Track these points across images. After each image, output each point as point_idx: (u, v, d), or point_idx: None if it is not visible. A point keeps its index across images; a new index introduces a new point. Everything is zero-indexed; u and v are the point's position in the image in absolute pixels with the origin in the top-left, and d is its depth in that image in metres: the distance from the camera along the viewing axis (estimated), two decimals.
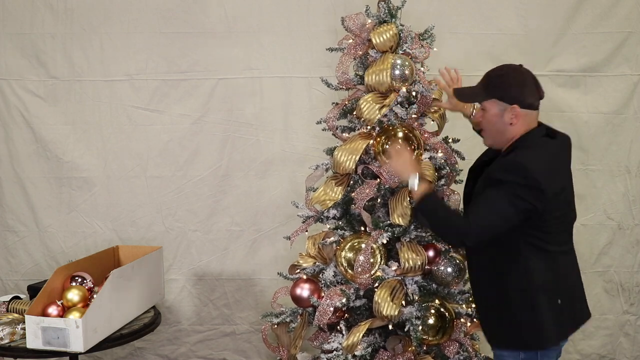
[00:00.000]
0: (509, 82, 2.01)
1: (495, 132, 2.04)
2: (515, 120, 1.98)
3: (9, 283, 3.42)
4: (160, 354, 3.47)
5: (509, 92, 1.99)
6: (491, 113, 2.02)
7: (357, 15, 2.54)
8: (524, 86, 2.00)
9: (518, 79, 2.01)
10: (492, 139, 2.08)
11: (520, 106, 1.97)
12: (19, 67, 3.32)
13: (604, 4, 3.30)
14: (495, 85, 2.02)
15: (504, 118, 1.99)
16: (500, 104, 2.00)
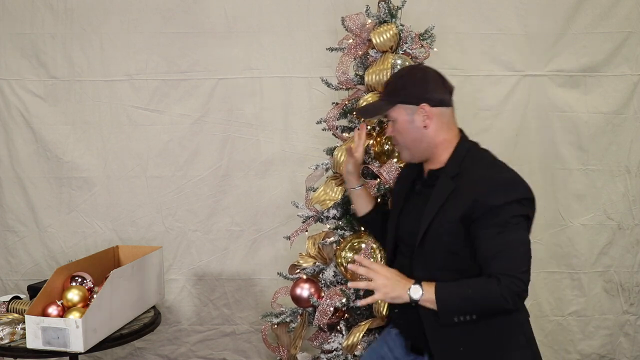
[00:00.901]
0: (409, 82, 1.79)
1: (411, 141, 1.80)
2: (429, 121, 1.76)
3: (9, 283, 3.42)
4: (160, 354, 3.47)
5: (412, 91, 1.76)
6: (400, 121, 1.78)
7: (357, 15, 2.54)
8: (427, 82, 1.77)
9: (418, 76, 1.80)
10: (410, 150, 1.82)
11: (430, 104, 1.75)
12: (19, 67, 3.32)
13: (604, 4, 3.30)
14: (396, 90, 1.80)
15: (415, 122, 1.76)
16: (407, 107, 1.77)
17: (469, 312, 1.63)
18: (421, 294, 1.62)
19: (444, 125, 1.79)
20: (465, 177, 1.72)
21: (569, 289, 3.47)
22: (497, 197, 1.65)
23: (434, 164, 1.82)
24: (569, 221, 3.42)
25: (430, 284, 1.64)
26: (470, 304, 1.62)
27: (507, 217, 1.65)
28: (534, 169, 3.38)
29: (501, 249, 1.64)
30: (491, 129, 3.36)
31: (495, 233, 1.64)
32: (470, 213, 1.66)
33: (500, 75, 3.33)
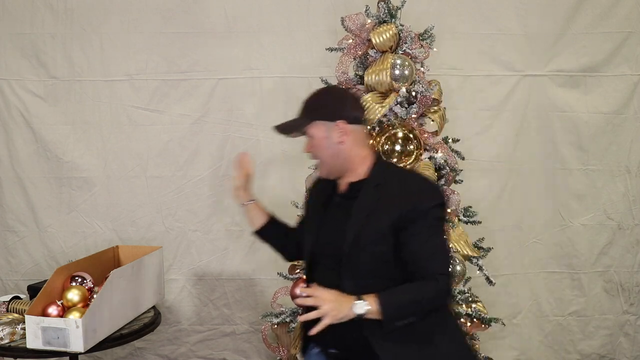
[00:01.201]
0: (327, 100, 1.85)
1: (328, 157, 1.83)
2: (345, 137, 1.80)
3: (9, 283, 3.42)
4: (160, 354, 3.47)
5: (328, 109, 1.82)
6: (318, 137, 1.82)
7: (357, 15, 2.55)
8: (344, 100, 1.85)
9: (335, 94, 1.89)
10: (327, 166, 1.86)
11: (346, 121, 1.80)
12: (19, 67, 3.32)
13: (604, 4, 3.30)
14: (314, 107, 1.84)
15: (332, 139, 1.80)
16: (324, 124, 1.81)
17: (411, 315, 1.70)
18: (365, 309, 1.65)
19: (359, 141, 1.84)
20: (389, 186, 1.79)
21: (569, 289, 3.47)
22: (424, 202, 1.74)
23: (353, 177, 1.86)
24: (569, 221, 3.42)
25: (369, 296, 1.67)
26: (412, 307, 1.70)
27: (433, 221, 1.75)
28: (534, 169, 3.39)
29: (434, 252, 1.74)
30: (491, 129, 3.36)
31: (426, 237, 1.73)
32: (399, 221, 1.72)
33: (500, 75, 3.33)
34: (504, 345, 3.43)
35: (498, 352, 3.38)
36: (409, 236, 1.72)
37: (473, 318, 2.52)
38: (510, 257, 3.42)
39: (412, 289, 1.70)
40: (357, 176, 1.85)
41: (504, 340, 3.44)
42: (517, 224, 3.43)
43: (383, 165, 1.87)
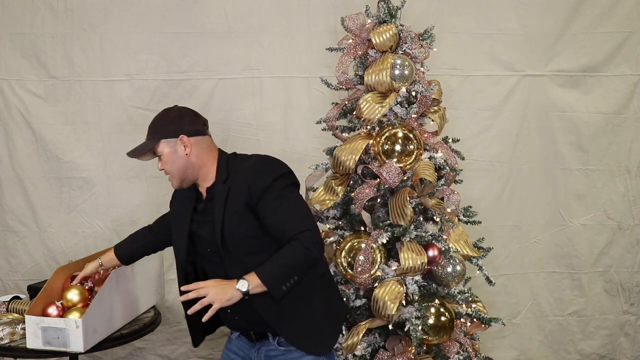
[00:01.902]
0: (165, 120, 2.06)
1: (177, 169, 2.03)
2: (189, 149, 2.00)
3: (9, 283, 3.42)
4: (160, 354, 3.47)
5: (170, 127, 2.03)
6: (165, 153, 2.03)
7: (357, 15, 2.54)
8: (181, 117, 2.06)
9: (172, 115, 2.08)
10: (179, 176, 2.05)
11: (187, 135, 2.01)
12: (19, 67, 3.32)
13: (604, 4, 3.30)
14: (157, 128, 2.06)
15: (178, 152, 2.01)
16: (168, 141, 2.02)
17: (291, 277, 1.84)
18: (247, 284, 1.80)
19: (204, 150, 2.03)
20: (234, 176, 1.98)
21: (569, 289, 3.47)
22: (265, 179, 1.92)
23: (208, 182, 2.04)
24: (569, 221, 3.42)
25: (249, 273, 1.82)
26: (289, 270, 1.84)
27: (279, 191, 1.91)
28: (534, 169, 3.39)
29: (287, 216, 1.88)
30: (491, 129, 3.36)
31: (276, 207, 1.89)
32: (249, 199, 1.90)
33: (500, 75, 3.33)
34: (504, 345, 3.43)
35: (498, 352, 3.38)
36: (262, 212, 1.89)
37: (473, 318, 2.52)
38: (510, 257, 3.42)
39: (283, 255, 1.85)
40: (211, 180, 2.03)
41: (504, 340, 3.44)
42: (517, 224, 3.43)
43: (225, 161, 2.03)
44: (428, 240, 2.41)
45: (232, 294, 1.79)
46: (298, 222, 1.88)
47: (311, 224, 1.90)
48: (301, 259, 1.85)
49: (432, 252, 2.40)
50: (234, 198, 1.93)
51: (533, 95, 3.34)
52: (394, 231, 2.34)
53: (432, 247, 2.41)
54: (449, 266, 2.44)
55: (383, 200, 2.48)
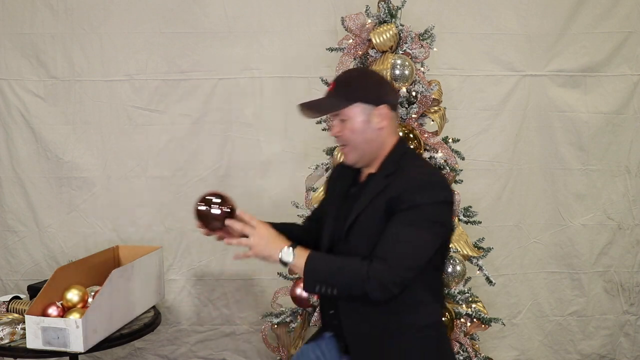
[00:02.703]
0: (370, 82, 1.76)
1: (363, 142, 1.74)
2: (385, 122, 1.73)
3: (9, 283, 3.42)
4: (160, 354, 3.47)
5: (371, 92, 1.73)
6: (357, 120, 1.72)
7: (357, 15, 2.55)
8: (385, 85, 1.78)
9: (374, 77, 1.78)
10: (360, 151, 1.76)
11: (390, 107, 1.74)
12: (19, 67, 3.32)
13: (604, 4, 3.30)
14: (352, 88, 1.74)
15: (372, 123, 1.72)
16: (365, 107, 1.72)
17: (331, 284, 1.60)
18: (292, 257, 1.62)
19: (393, 129, 1.78)
20: (397, 176, 1.72)
21: (569, 289, 3.47)
22: (423, 196, 1.64)
23: (372, 169, 1.81)
24: (569, 221, 3.42)
25: (306, 250, 1.64)
26: (334, 275, 1.61)
27: (423, 218, 1.63)
28: (534, 169, 3.39)
29: (394, 239, 1.62)
30: (491, 129, 3.36)
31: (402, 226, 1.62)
32: (393, 205, 1.65)
33: (500, 75, 3.33)
34: (504, 345, 3.43)
35: (498, 352, 3.38)
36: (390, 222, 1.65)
37: (473, 318, 2.52)
38: (510, 257, 3.42)
39: (345, 260, 1.63)
40: (375, 167, 1.78)
41: (504, 340, 3.44)
42: (517, 224, 3.43)
43: (400, 153, 1.77)
44: None
45: (271, 255, 1.62)
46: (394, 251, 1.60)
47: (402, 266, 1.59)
48: (353, 277, 1.59)
49: None
50: (384, 195, 1.68)
51: (533, 95, 3.34)
52: None
53: None
54: (449, 266, 2.44)
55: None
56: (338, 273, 1.60)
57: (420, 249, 1.63)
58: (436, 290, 1.81)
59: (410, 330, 1.72)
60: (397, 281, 1.58)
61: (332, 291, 1.61)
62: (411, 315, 1.72)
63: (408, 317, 1.71)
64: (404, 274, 1.60)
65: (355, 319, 1.73)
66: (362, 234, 1.71)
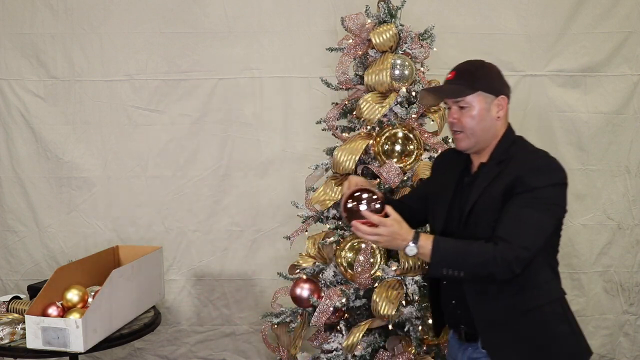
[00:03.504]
0: (490, 73, 1.86)
1: (481, 130, 1.83)
2: (502, 113, 1.83)
3: (9, 283, 3.42)
4: (160, 354, 3.47)
5: (495, 83, 1.83)
6: (478, 108, 1.81)
7: (357, 15, 2.54)
8: (502, 77, 1.87)
9: (494, 70, 1.87)
10: (475, 138, 1.84)
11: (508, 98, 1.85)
12: (19, 67, 3.32)
13: (604, 4, 3.30)
14: (476, 78, 1.83)
15: (491, 112, 1.82)
16: (487, 96, 1.81)
17: (458, 267, 1.69)
18: (415, 252, 1.71)
19: (506, 119, 1.87)
20: (510, 161, 1.80)
21: (569, 289, 3.44)
22: (540, 179, 1.74)
23: (483, 157, 1.88)
24: (569, 221, 3.42)
25: (429, 236, 1.72)
26: (461, 258, 1.69)
27: (541, 199, 1.73)
28: None
29: (515, 219, 1.70)
30: None
31: (521, 207, 1.71)
32: (511, 188, 1.73)
33: None
34: None
35: None
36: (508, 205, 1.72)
37: None
38: None
39: (471, 246, 1.70)
40: (486, 156, 1.86)
41: None
42: None
43: (510, 141, 1.85)
44: None
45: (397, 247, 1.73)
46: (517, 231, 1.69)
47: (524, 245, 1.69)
48: (481, 259, 1.68)
49: None
50: (498, 182, 1.76)
51: (533, 95, 3.34)
52: None
53: None
54: None
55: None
56: (465, 256, 1.69)
57: (540, 230, 1.74)
58: (555, 267, 1.94)
59: (539, 307, 1.82)
60: (519, 261, 1.68)
61: (458, 274, 1.70)
62: (537, 294, 1.83)
63: (535, 295, 1.82)
64: (526, 253, 1.69)
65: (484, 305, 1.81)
66: (479, 223, 1.78)
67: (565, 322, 1.87)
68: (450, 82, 1.88)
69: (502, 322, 1.81)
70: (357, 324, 2.39)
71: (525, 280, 1.79)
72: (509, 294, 1.80)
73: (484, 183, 1.81)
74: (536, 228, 1.73)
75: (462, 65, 1.90)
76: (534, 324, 1.81)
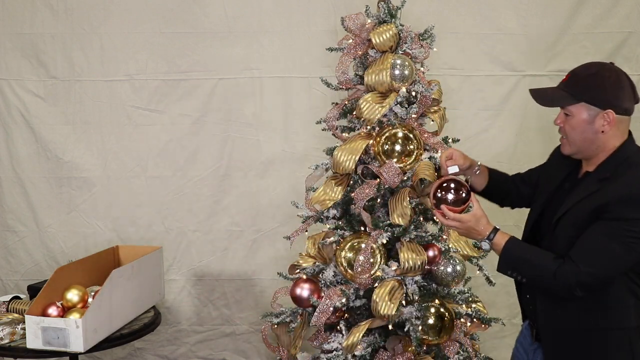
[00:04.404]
0: (602, 83, 1.75)
1: (581, 140, 1.78)
2: (608, 127, 1.73)
3: (9, 283, 3.42)
4: (160, 354, 3.47)
5: (603, 95, 1.73)
6: (579, 119, 1.76)
7: (357, 15, 2.54)
8: (621, 88, 1.74)
9: (613, 79, 1.75)
10: (576, 147, 1.80)
11: (616, 112, 1.72)
12: (19, 67, 3.32)
13: (604, 4, 3.30)
14: (586, 87, 1.77)
15: (594, 125, 1.74)
16: (591, 108, 1.74)
17: (521, 272, 1.77)
18: (488, 248, 1.85)
19: (619, 132, 1.77)
20: (614, 180, 1.72)
21: None
22: (630, 210, 1.65)
23: (590, 167, 1.82)
24: None
25: (505, 235, 1.83)
26: (526, 265, 1.76)
27: (624, 231, 1.65)
28: None
29: (593, 244, 1.67)
30: (491, 129, 3.36)
31: (599, 234, 1.67)
32: (601, 208, 1.68)
33: (500, 75, 3.33)
34: (504, 345, 3.43)
35: (498, 352, 3.38)
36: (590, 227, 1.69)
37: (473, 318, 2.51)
38: None
39: (539, 252, 1.77)
40: (594, 165, 1.80)
41: (504, 340, 3.44)
42: (517, 223, 3.40)
43: (623, 158, 1.76)
44: (428, 240, 2.41)
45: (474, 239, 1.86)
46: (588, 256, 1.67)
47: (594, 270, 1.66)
48: (542, 274, 1.72)
49: (432, 252, 2.40)
50: (592, 200, 1.71)
51: None
52: (394, 231, 2.34)
53: (432, 247, 2.41)
54: (449, 266, 2.43)
55: (383, 200, 2.48)
56: (530, 265, 1.75)
57: (613, 262, 1.68)
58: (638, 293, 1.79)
59: (603, 330, 1.76)
60: (582, 285, 1.68)
61: (521, 278, 1.79)
62: (606, 315, 1.75)
63: (602, 316, 1.75)
64: (590, 280, 1.68)
65: (550, 311, 1.82)
66: (566, 230, 1.77)
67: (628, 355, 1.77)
68: (561, 84, 1.86)
69: (564, 333, 1.80)
70: (357, 324, 2.39)
71: (597, 298, 1.74)
72: (577, 306, 1.76)
73: (579, 197, 1.76)
74: (610, 259, 1.67)
75: (578, 69, 1.85)
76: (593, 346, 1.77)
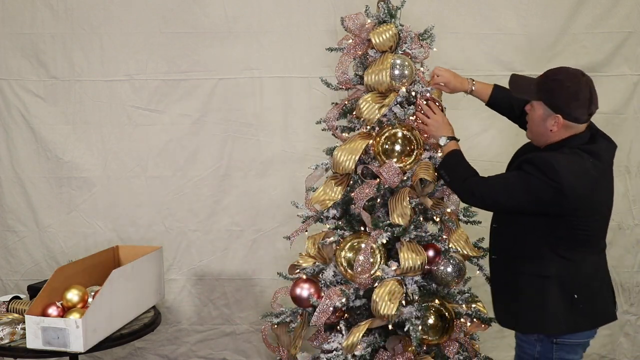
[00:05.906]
0: (560, 91, 2.00)
1: (535, 131, 2.09)
2: (556, 128, 2.00)
3: (9, 283, 3.42)
4: (160, 354, 3.47)
5: (556, 101, 1.99)
6: (537, 113, 2.05)
7: (357, 15, 2.54)
8: (576, 99, 1.99)
9: (571, 89, 2.00)
10: (532, 135, 2.14)
11: (564, 117, 1.98)
12: (19, 67, 3.32)
13: (604, 4, 3.30)
14: (547, 89, 2.03)
15: (546, 123, 2.02)
16: (546, 108, 2.01)
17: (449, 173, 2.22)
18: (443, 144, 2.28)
19: (567, 131, 2.03)
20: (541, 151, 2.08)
21: None
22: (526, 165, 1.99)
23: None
24: None
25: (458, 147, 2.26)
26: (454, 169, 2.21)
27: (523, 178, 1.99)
28: None
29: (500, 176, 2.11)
30: (491, 129, 3.36)
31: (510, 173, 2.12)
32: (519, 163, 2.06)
33: (500, 75, 3.32)
34: (504, 345, 3.43)
35: (498, 352, 3.38)
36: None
37: (473, 318, 2.52)
38: None
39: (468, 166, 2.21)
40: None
41: (504, 340, 3.44)
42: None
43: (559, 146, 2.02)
44: (428, 240, 2.41)
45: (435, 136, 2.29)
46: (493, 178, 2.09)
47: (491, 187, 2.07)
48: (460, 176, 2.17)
49: (432, 252, 2.40)
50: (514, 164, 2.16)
51: None
52: (394, 231, 2.34)
53: (432, 247, 2.41)
54: (449, 266, 2.44)
55: (383, 200, 2.48)
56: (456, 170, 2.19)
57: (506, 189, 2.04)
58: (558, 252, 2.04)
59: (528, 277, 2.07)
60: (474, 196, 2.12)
61: (446, 178, 2.23)
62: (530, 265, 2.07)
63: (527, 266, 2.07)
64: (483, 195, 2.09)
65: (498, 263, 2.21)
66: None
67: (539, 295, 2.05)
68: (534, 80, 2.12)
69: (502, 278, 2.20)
70: (357, 324, 2.39)
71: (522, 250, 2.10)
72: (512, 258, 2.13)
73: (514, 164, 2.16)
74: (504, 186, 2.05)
75: (551, 70, 2.09)
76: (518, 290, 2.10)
